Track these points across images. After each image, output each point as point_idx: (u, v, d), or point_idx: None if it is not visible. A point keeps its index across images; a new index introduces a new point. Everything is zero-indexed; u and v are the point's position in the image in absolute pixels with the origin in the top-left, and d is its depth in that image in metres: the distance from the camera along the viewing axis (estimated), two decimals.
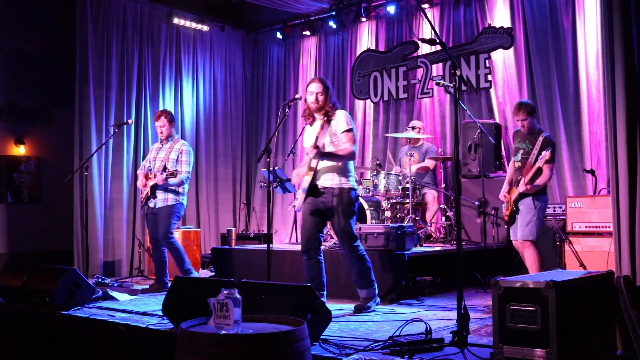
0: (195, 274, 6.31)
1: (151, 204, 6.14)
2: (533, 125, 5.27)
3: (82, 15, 7.89)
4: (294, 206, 5.05)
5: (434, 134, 8.00)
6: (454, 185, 4.13)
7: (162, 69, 8.77)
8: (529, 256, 5.14)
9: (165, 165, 6.12)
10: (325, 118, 4.77)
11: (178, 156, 6.14)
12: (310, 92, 4.80)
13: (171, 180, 5.99)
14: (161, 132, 6.23)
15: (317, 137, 4.73)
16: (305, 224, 4.86)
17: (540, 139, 5.14)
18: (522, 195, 5.18)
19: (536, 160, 5.10)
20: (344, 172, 4.77)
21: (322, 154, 4.65)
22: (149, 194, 6.12)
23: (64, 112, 8.33)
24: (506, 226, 5.57)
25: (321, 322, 3.67)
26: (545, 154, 5.03)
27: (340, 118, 4.77)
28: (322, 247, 4.95)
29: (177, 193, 6.14)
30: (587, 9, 6.95)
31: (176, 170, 5.92)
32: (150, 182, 6.08)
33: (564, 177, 6.96)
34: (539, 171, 5.13)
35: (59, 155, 8.31)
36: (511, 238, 5.38)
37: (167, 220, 6.09)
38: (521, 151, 5.30)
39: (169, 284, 4.59)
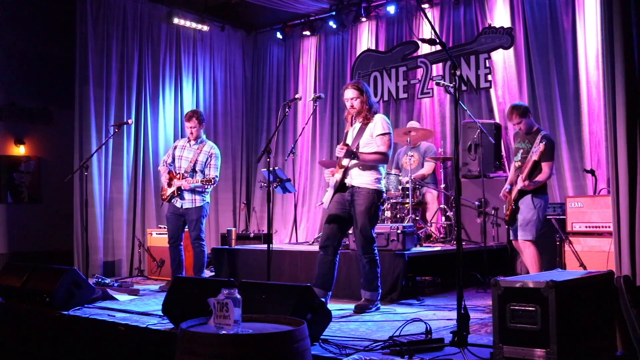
0: None
1: (177, 204, 6.17)
2: (530, 125, 5.28)
3: (82, 15, 7.89)
4: (322, 203, 5.10)
5: (434, 134, 7.99)
6: (454, 185, 4.13)
7: (162, 69, 8.76)
8: (529, 256, 5.15)
9: (194, 167, 6.15)
10: (364, 121, 4.83)
11: (207, 159, 6.17)
12: (346, 99, 4.88)
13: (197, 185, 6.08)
14: (191, 133, 6.22)
15: (345, 136, 4.89)
16: (328, 221, 4.88)
17: (539, 137, 5.15)
18: (521, 194, 5.19)
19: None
20: (373, 173, 4.80)
21: (351, 153, 4.69)
22: (175, 194, 6.14)
23: (64, 112, 8.33)
24: (507, 226, 5.58)
25: (321, 322, 3.67)
26: (540, 146, 5.04)
27: (378, 122, 4.81)
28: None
29: (203, 194, 6.19)
30: (587, 9, 6.95)
31: (213, 179, 6.00)
32: (177, 183, 6.11)
33: (564, 177, 6.95)
34: (537, 166, 5.13)
35: (59, 155, 8.30)
36: (511, 238, 5.39)
37: (199, 222, 6.17)
38: (521, 151, 5.31)
39: None
